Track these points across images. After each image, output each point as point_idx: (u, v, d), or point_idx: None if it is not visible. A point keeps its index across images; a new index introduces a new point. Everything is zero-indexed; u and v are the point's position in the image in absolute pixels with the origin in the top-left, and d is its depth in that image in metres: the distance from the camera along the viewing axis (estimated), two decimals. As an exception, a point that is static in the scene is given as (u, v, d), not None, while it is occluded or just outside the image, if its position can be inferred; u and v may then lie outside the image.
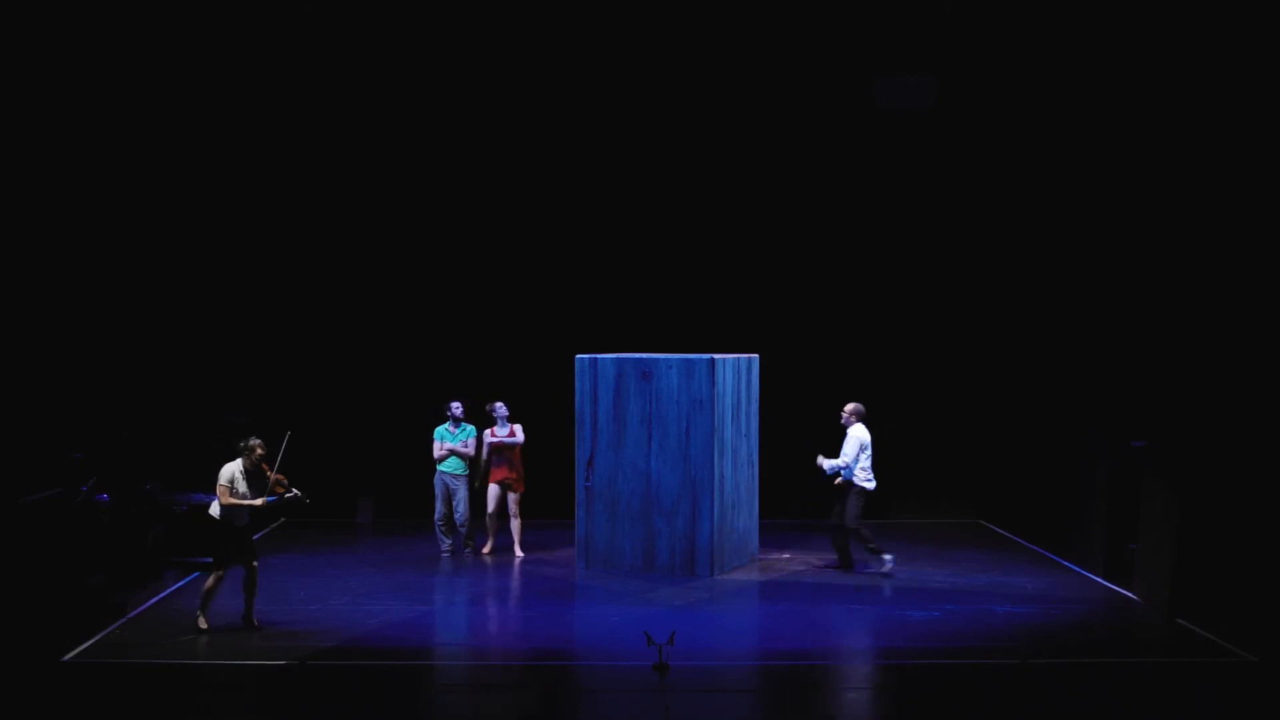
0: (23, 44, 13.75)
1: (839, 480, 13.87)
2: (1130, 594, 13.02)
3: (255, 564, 11.79)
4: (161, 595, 13.04)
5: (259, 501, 11.62)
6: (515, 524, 14.89)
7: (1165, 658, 11.19)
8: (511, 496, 14.82)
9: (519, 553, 14.88)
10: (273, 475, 11.73)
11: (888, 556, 13.84)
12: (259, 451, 11.67)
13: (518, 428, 14.82)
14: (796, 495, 17.16)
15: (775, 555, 15.04)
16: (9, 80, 13.54)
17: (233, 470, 11.61)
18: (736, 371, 14.27)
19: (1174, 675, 10.69)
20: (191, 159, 16.69)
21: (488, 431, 14.79)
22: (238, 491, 11.57)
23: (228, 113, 16.59)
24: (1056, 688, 10.19)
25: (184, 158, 16.63)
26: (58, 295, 14.79)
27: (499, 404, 14.78)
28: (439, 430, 14.83)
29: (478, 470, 14.83)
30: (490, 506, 14.84)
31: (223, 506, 11.58)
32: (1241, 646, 11.03)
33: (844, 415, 14.02)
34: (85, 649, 11.07)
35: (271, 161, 17.13)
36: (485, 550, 14.85)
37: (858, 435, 13.85)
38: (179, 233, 16.87)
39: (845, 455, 13.83)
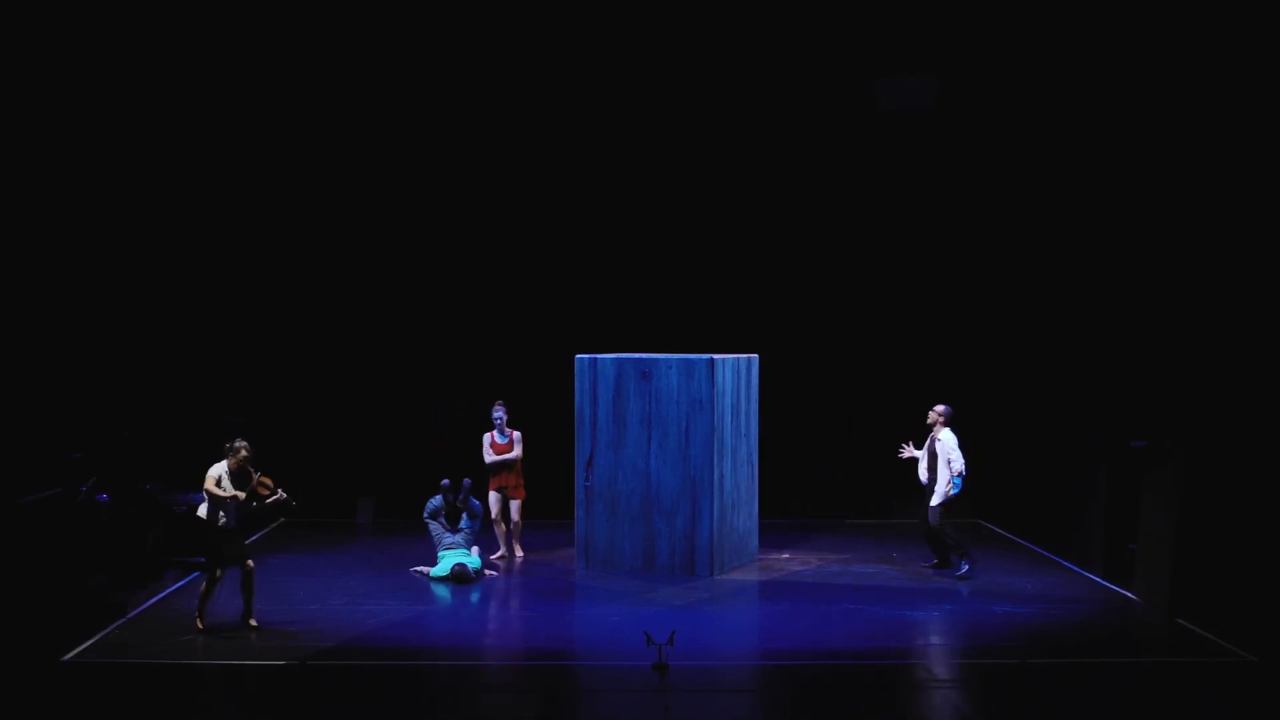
0: (23, 44, 13.75)
1: (949, 490, 13.67)
2: (1130, 594, 13.02)
3: (250, 565, 11.79)
4: (161, 595, 13.04)
5: (241, 494, 11.58)
6: (513, 529, 14.80)
7: (1165, 658, 11.19)
8: (513, 504, 14.73)
9: (519, 553, 14.85)
10: (256, 476, 11.73)
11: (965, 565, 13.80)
12: (243, 453, 11.68)
13: (516, 435, 14.70)
14: (796, 495, 17.19)
15: (775, 555, 15.04)
16: (9, 80, 13.54)
17: (218, 470, 11.64)
18: (736, 371, 14.27)
19: (1174, 675, 10.69)
20: (191, 159, 16.68)
21: (486, 437, 14.67)
22: (223, 489, 11.59)
23: (228, 113, 16.58)
24: (1056, 688, 10.20)
25: (184, 158, 16.62)
26: (58, 295, 14.79)
27: (497, 409, 14.59)
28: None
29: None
30: (493, 512, 14.75)
31: (210, 505, 11.59)
32: (1241, 646, 11.04)
33: (932, 416, 13.81)
34: (85, 649, 11.08)
35: (272, 162, 17.12)
36: (496, 557, 14.78)
37: (952, 438, 13.70)
38: (179, 233, 16.86)
39: (957, 463, 13.61)
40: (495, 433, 14.63)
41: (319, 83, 16.69)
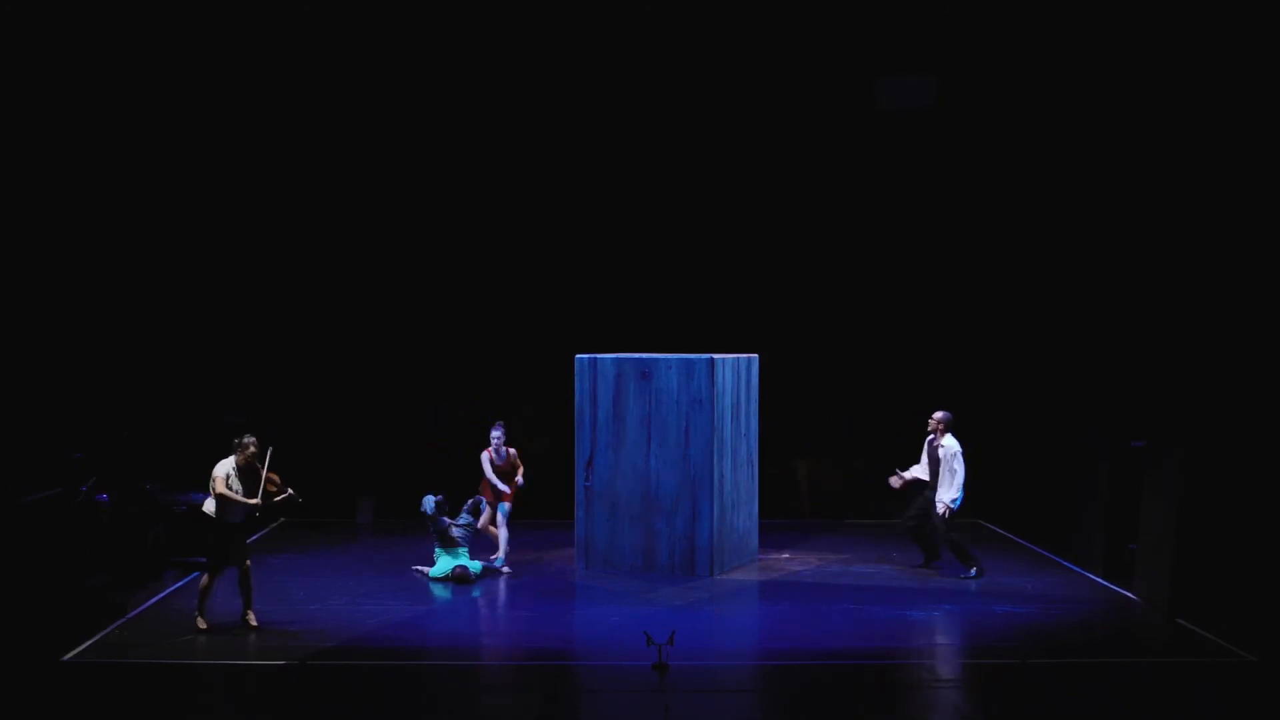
0: (23, 44, 13.75)
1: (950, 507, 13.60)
2: (1130, 594, 13.03)
3: (248, 564, 11.77)
4: (161, 595, 13.04)
5: (254, 501, 11.60)
6: (503, 533, 14.30)
7: (1165, 658, 11.19)
8: (502, 505, 14.54)
9: (500, 555, 14.31)
10: (264, 473, 11.73)
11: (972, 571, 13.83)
12: (252, 449, 11.67)
13: (513, 453, 14.27)
14: (796, 495, 17.18)
15: (775, 555, 15.04)
16: (9, 80, 13.54)
17: (226, 467, 11.62)
18: (736, 371, 14.27)
19: (1174, 675, 10.69)
20: (191, 159, 16.68)
21: (484, 455, 14.26)
22: (232, 487, 11.58)
23: (227, 113, 16.58)
24: (1056, 688, 10.20)
25: (184, 158, 16.62)
26: (58, 295, 14.79)
27: (495, 429, 14.15)
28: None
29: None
30: (483, 519, 14.57)
31: (217, 502, 11.57)
32: (1241, 646, 11.04)
33: (931, 424, 13.77)
34: (85, 649, 11.07)
35: (272, 162, 17.12)
36: (494, 559, 14.66)
37: (956, 444, 13.66)
38: (179, 233, 16.87)
39: (960, 477, 13.55)
40: (492, 451, 14.38)
41: (320, 84, 16.67)
